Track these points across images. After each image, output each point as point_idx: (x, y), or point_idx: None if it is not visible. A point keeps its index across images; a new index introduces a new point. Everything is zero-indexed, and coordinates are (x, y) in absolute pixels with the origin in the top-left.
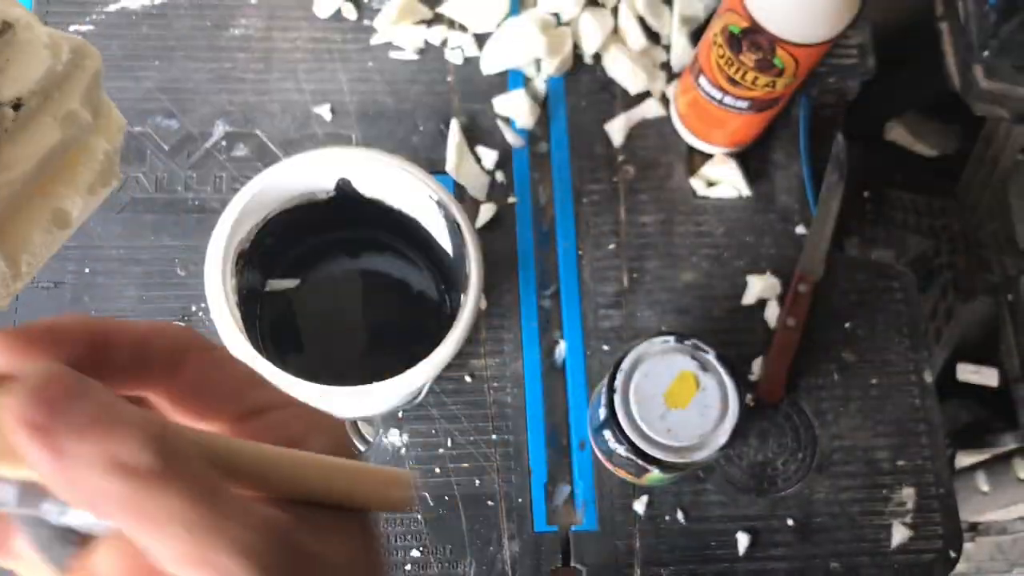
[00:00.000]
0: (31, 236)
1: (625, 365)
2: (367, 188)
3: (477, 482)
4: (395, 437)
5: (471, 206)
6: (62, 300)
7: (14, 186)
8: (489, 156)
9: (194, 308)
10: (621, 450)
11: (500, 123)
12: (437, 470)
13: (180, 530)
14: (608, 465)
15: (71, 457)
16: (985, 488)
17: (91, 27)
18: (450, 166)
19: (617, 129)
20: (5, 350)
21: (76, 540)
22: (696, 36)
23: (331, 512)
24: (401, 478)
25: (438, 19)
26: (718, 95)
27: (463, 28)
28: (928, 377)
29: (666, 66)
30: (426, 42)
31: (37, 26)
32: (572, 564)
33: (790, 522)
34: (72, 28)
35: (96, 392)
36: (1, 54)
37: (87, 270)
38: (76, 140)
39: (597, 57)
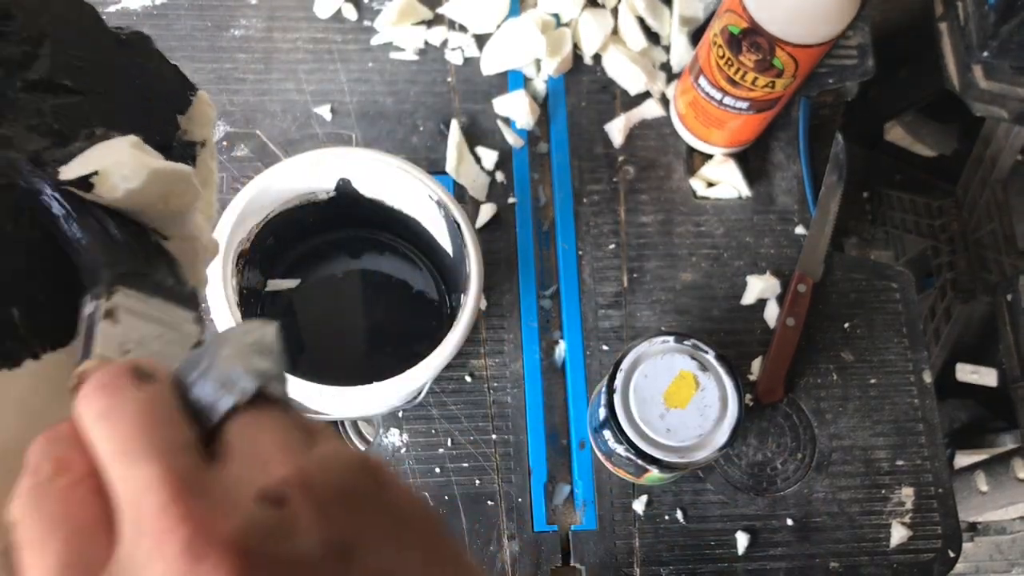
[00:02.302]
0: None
1: (625, 365)
2: (367, 188)
3: (477, 482)
4: (395, 437)
5: (471, 206)
6: None
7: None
8: (489, 156)
9: None
10: (621, 450)
11: (500, 123)
12: (437, 470)
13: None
14: (608, 465)
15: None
16: (984, 488)
17: None
18: (450, 166)
19: (617, 129)
20: None
21: None
22: (696, 37)
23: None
24: None
25: (438, 20)
26: (718, 96)
27: (463, 29)
28: (927, 377)
29: (666, 66)
30: (426, 43)
31: (201, 91)
32: (572, 564)
33: (789, 522)
34: None
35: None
36: (194, 107)
37: None
38: (215, 171)
39: (597, 58)
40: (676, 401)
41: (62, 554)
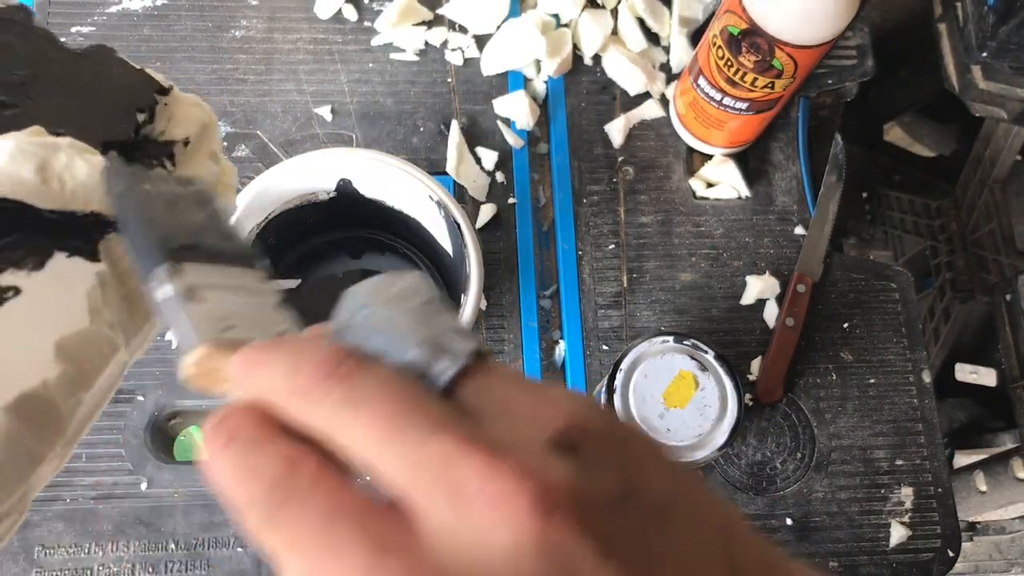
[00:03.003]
0: None
1: (624, 365)
2: (368, 189)
3: None
4: None
5: (471, 206)
6: None
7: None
8: (489, 157)
9: None
10: None
11: (500, 124)
12: None
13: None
14: None
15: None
16: (983, 488)
17: (92, 28)
18: (450, 166)
19: (617, 130)
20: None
21: None
22: (695, 37)
23: None
24: None
25: (438, 20)
26: (717, 96)
27: (463, 29)
28: (926, 377)
29: (665, 67)
30: (426, 43)
31: (178, 91)
32: None
33: (789, 521)
34: (74, 29)
35: None
36: (169, 108)
37: None
38: (218, 174)
39: (597, 58)
40: (676, 401)
41: (364, 544)
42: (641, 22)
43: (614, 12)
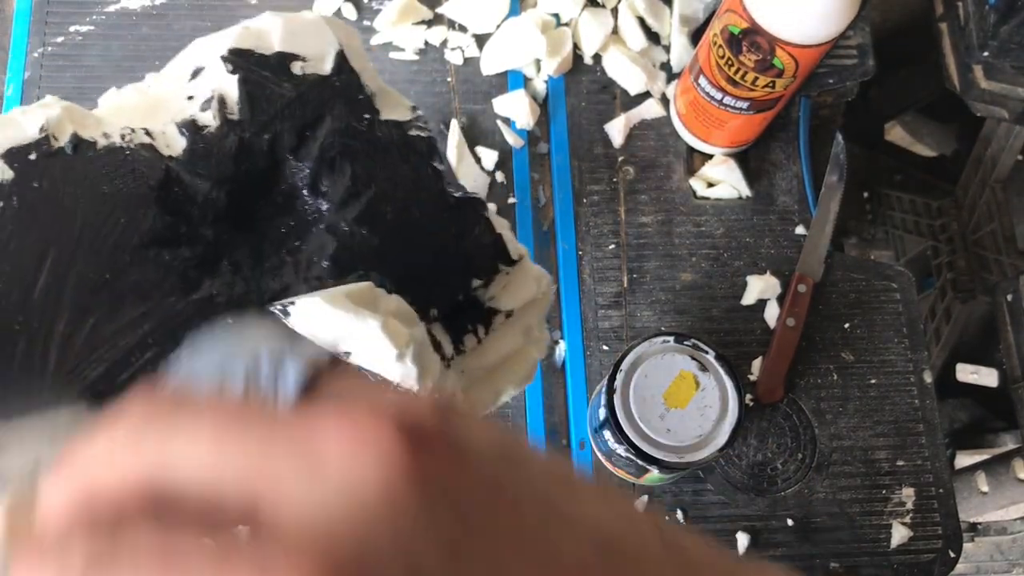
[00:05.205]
0: (475, 406)
1: (625, 365)
2: None
3: None
4: None
5: None
6: None
7: (485, 369)
8: (489, 156)
9: None
10: (621, 450)
11: (500, 123)
12: None
13: None
14: (608, 465)
15: None
16: (985, 488)
17: (91, 27)
18: None
19: (617, 129)
20: None
21: None
22: (696, 36)
23: None
24: None
25: (438, 19)
26: (718, 95)
27: (463, 28)
28: (927, 377)
29: (666, 66)
30: (426, 42)
31: (529, 261)
32: None
33: (789, 522)
34: (72, 28)
35: None
36: (509, 277)
37: None
38: (524, 348)
39: (597, 57)
40: (676, 401)
41: (210, 565)
42: (641, 21)
43: (614, 11)
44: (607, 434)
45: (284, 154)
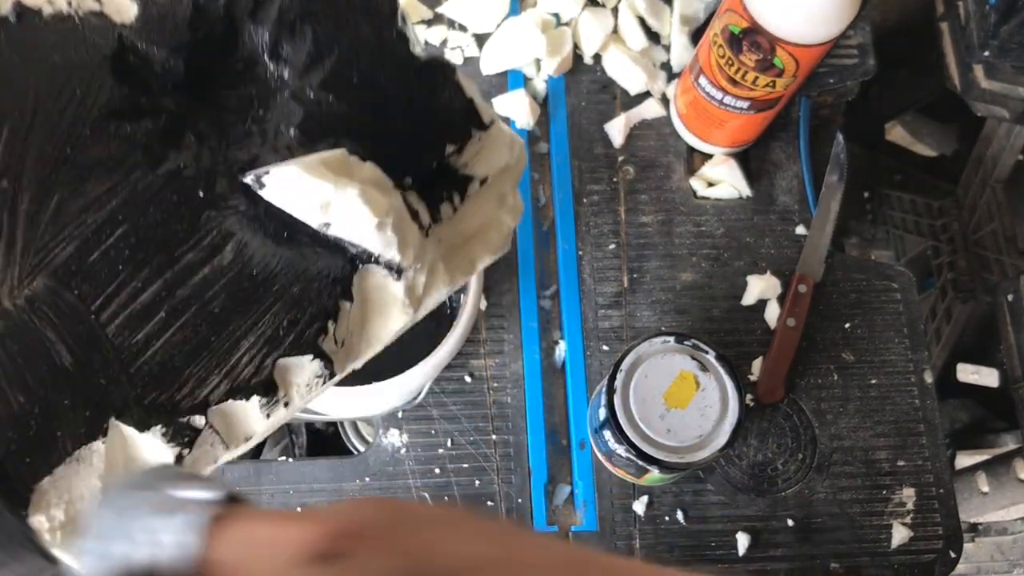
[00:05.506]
0: (454, 275)
1: (625, 365)
2: None
3: (477, 482)
4: (395, 437)
5: None
6: None
7: (462, 236)
8: None
9: None
10: (621, 450)
11: None
12: (437, 470)
13: None
14: (608, 465)
15: None
16: (985, 488)
17: None
18: None
19: (617, 129)
20: None
21: None
22: (696, 36)
23: None
24: None
25: (438, 19)
26: (718, 95)
27: (463, 28)
28: (928, 377)
29: (666, 66)
30: (426, 42)
31: (501, 125)
32: None
33: (790, 522)
34: None
35: None
36: (482, 142)
37: None
38: (498, 215)
39: (597, 57)
40: (676, 401)
41: None
42: (642, 21)
43: (614, 11)
44: (607, 434)
45: (242, 17)
